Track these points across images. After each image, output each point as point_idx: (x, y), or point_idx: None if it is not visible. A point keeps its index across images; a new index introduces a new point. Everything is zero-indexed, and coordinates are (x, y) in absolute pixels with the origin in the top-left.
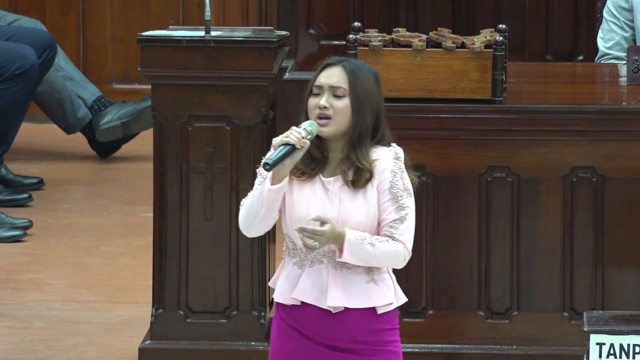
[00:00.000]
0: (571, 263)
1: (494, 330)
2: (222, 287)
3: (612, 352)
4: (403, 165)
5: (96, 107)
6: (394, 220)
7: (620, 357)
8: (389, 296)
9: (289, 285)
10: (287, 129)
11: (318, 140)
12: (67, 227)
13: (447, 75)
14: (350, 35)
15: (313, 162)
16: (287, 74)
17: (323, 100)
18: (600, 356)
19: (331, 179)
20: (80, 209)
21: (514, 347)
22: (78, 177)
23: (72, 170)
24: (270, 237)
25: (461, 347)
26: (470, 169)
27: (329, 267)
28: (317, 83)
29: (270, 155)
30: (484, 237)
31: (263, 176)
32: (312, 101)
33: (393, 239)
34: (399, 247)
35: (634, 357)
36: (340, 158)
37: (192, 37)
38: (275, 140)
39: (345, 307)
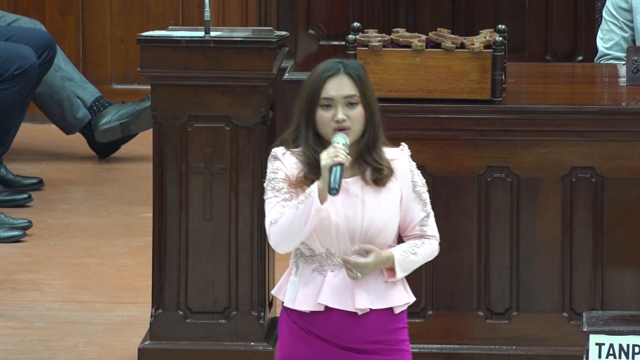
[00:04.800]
0: (570, 263)
1: (493, 330)
2: (222, 287)
3: (611, 352)
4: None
5: (95, 108)
6: (422, 218)
7: (620, 357)
8: (405, 295)
9: (311, 291)
10: (286, 129)
11: (322, 149)
12: (67, 227)
13: (446, 76)
14: (350, 36)
15: (320, 171)
16: (287, 75)
17: (340, 114)
18: (599, 356)
19: (349, 179)
20: (80, 210)
21: (514, 347)
22: (77, 178)
23: (72, 170)
24: None
25: (460, 347)
26: (469, 169)
27: None
28: (326, 95)
29: (330, 179)
30: (484, 238)
31: (300, 197)
32: (324, 115)
33: (425, 236)
34: (433, 243)
35: (633, 358)
36: (353, 159)
37: (191, 37)
38: (326, 162)
39: (370, 309)
